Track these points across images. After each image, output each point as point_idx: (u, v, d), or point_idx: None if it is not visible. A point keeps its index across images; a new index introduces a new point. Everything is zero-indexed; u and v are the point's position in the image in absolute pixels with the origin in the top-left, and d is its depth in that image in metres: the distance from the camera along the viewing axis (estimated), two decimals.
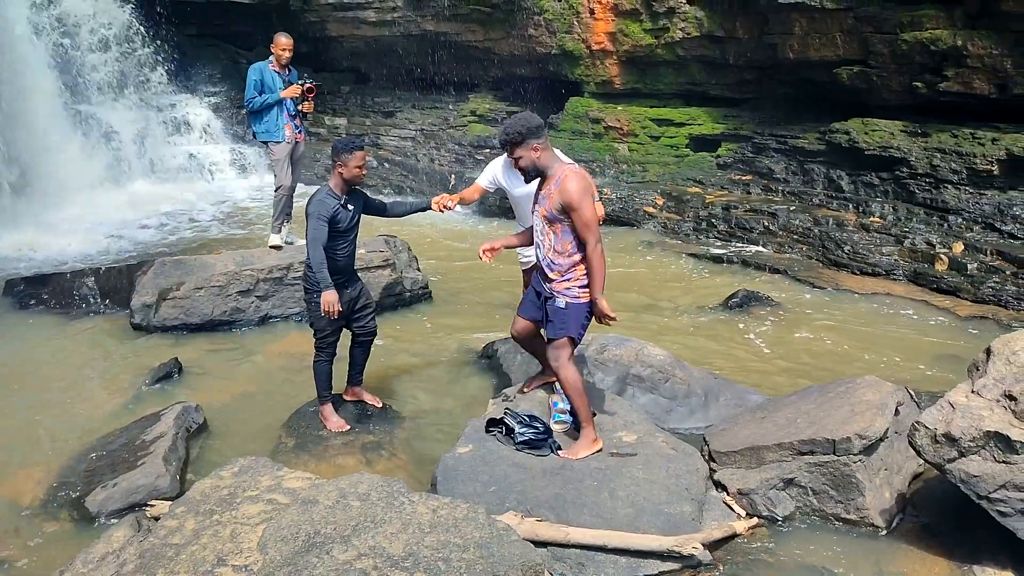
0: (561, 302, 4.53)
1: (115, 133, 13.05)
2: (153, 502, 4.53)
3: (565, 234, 4.47)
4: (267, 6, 14.75)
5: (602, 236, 4.53)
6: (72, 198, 11.38)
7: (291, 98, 7.78)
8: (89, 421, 5.75)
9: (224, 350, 7.01)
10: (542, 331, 4.84)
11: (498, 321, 7.69)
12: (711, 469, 4.78)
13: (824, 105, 10.63)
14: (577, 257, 4.49)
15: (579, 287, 4.52)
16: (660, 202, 11.12)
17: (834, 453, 4.41)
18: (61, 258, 9.52)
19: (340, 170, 5.16)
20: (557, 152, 4.83)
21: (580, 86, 12.90)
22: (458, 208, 6.36)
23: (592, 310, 4.54)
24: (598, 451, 4.63)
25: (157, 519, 3.95)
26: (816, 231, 9.52)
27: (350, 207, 5.28)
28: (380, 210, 5.68)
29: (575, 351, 4.68)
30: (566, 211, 4.40)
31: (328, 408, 5.50)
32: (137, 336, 7.25)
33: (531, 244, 4.87)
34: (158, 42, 13.82)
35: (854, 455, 4.36)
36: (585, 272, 4.50)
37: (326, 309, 5.09)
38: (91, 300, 7.88)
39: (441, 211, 5.65)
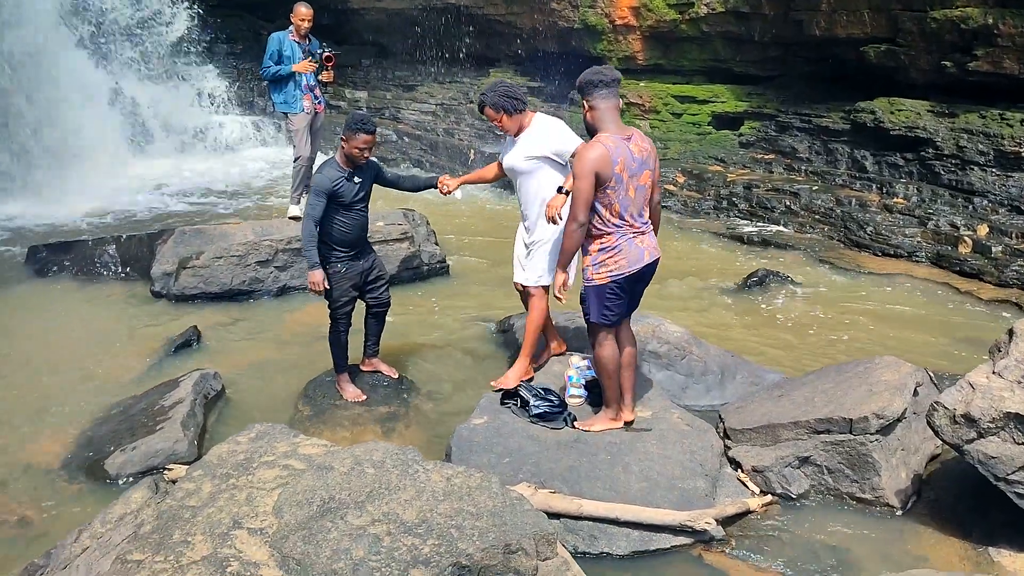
0: (585, 287, 4.46)
1: (136, 103, 13.09)
2: (171, 466, 4.59)
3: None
4: None
5: (584, 221, 4.29)
6: (94, 167, 11.44)
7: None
8: (109, 386, 5.82)
9: (242, 319, 7.05)
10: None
11: (515, 296, 7.67)
12: (726, 446, 4.77)
13: (849, 83, 10.46)
14: (594, 235, 4.36)
15: (592, 268, 4.39)
16: (681, 180, 11.03)
17: (851, 432, 4.38)
18: (83, 226, 9.59)
19: (343, 144, 5.13)
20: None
21: (602, 61, 12.75)
22: (474, 185, 6.31)
23: (619, 289, 4.41)
24: (618, 427, 4.64)
25: (174, 482, 4.00)
26: (838, 211, 9.42)
27: (356, 179, 5.22)
28: (392, 182, 5.65)
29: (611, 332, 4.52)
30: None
31: (344, 378, 5.53)
32: (157, 304, 7.31)
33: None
34: (180, 12, 13.81)
35: (871, 435, 4.34)
36: (602, 249, 4.36)
37: (311, 287, 5.18)
38: (112, 268, 7.94)
39: (443, 193, 5.58)
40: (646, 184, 4.40)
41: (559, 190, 4.79)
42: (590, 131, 4.42)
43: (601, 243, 4.34)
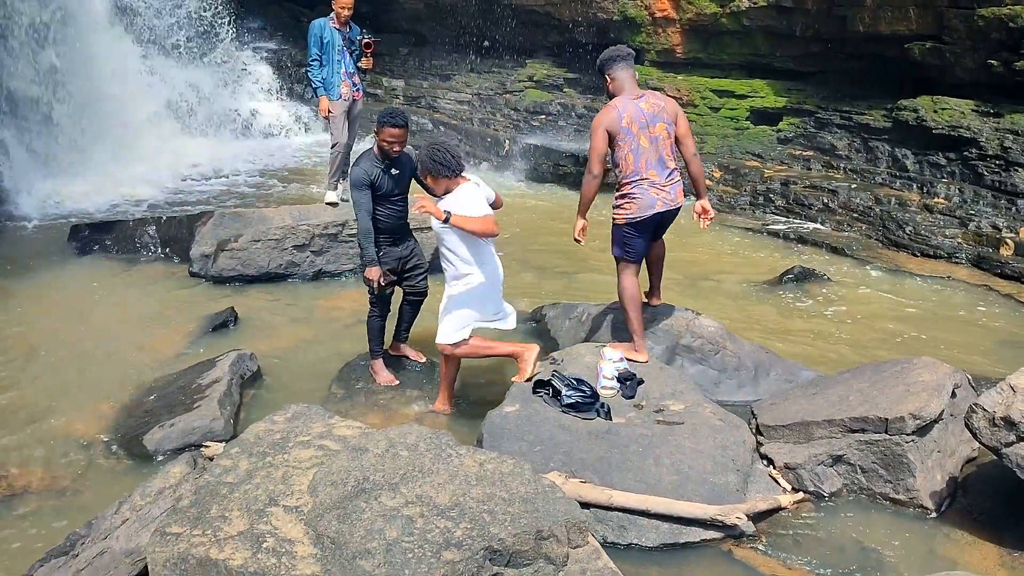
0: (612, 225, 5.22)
1: (178, 88, 13.25)
2: (208, 443, 4.67)
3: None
4: None
5: (598, 172, 5.05)
6: (135, 149, 11.60)
7: (349, 55, 7.84)
8: (147, 364, 5.92)
9: (278, 302, 7.14)
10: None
11: (548, 285, 7.70)
12: (758, 442, 4.75)
13: (892, 81, 10.31)
14: (619, 183, 5.10)
15: (614, 210, 5.15)
16: (717, 175, 10.96)
17: (886, 432, 4.34)
18: (124, 206, 9.75)
19: (376, 136, 5.19)
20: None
21: (640, 54, 12.69)
22: (508, 175, 6.46)
23: (633, 231, 5.12)
24: (641, 361, 5.15)
25: (211, 459, 4.06)
26: (877, 210, 9.30)
27: (393, 171, 5.27)
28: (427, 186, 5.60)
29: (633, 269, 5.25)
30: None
31: (379, 363, 5.59)
32: (195, 285, 7.43)
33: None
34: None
35: (907, 435, 4.29)
36: (622, 195, 5.10)
37: (367, 283, 5.23)
38: (152, 248, 8.07)
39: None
40: (660, 135, 5.07)
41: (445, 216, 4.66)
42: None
43: (621, 191, 5.12)
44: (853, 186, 9.82)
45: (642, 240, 5.19)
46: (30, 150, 10.33)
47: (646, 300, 5.66)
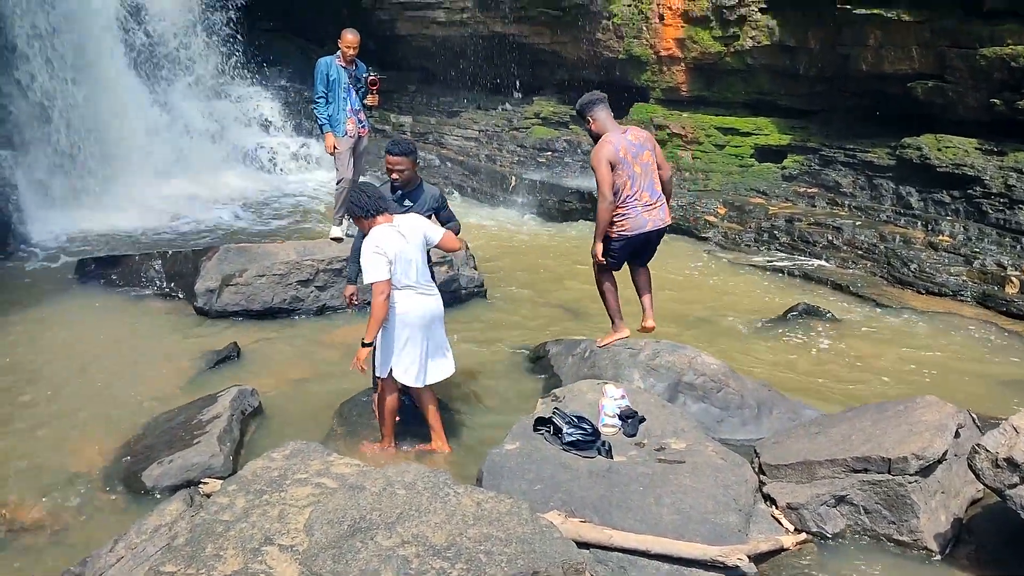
0: None
1: (186, 121, 13.39)
2: (206, 480, 4.64)
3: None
4: (339, 3, 15.00)
5: (611, 197, 5.62)
6: (143, 183, 11.68)
7: (355, 92, 7.94)
8: (150, 398, 5.92)
9: (282, 337, 7.15)
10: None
11: (551, 321, 7.70)
12: (761, 482, 4.70)
13: (895, 119, 10.37)
14: (617, 204, 5.67)
15: (609, 225, 5.73)
16: (722, 211, 10.99)
17: (889, 472, 4.30)
18: (130, 240, 9.80)
19: None
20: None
21: (646, 92, 12.82)
22: (514, 210, 6.84)
23: (621, 244, 5.78)
24: (623, 336, 6.00)
25: (209, 496, 4.04)
26: (882, 247, 9.30)
27: (406, 203, 5.37)
28: (442, 221, 5.61)
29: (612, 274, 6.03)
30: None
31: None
32: (199, 319, 7.44)
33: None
34: (232, 34, 14.14)
35: (910, 475, 4.25)
36: (617, 214, 5.68)
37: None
38: (157, 283, 8.10)
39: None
40: (649, 162, 5.75)
41: (363, 344, 4.84)
42: (596, 139, 5.73)
43: (619, 210, 5.69)
44: (858, 223, 9.83)
45: (625, 253, 5.91)
46: (38, 183, 10.42)
47: (642, 324, 6.16)
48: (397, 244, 4.83)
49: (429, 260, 5.32)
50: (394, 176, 5.30)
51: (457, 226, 5.74)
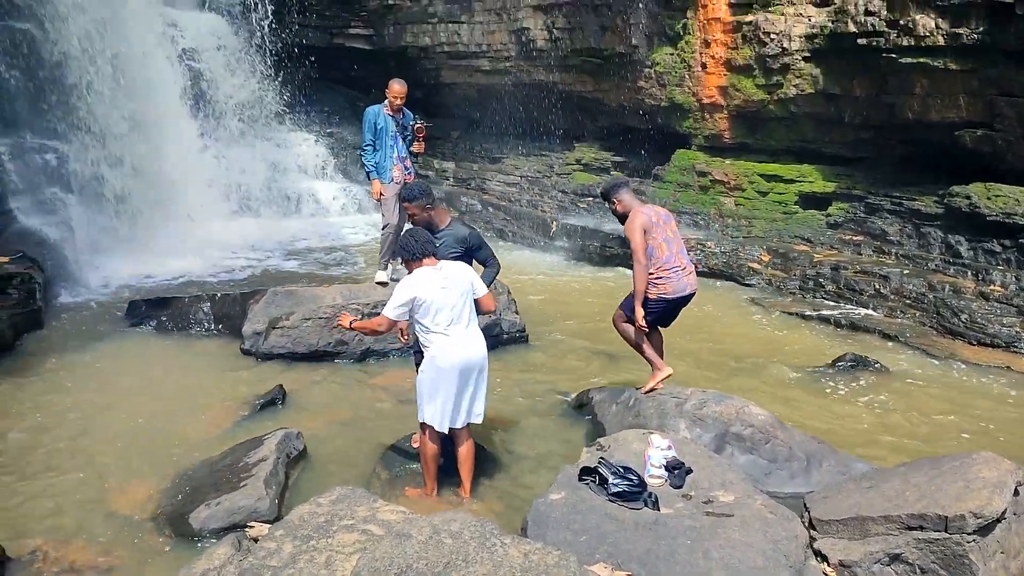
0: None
1: (236, 166, 13.74)
2: (252, 523, 4.66)
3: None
4: (386, 53, 15.37)
5: (645, 262, 5.88)
6: (194, 226, 11.99)
7: (401, 140, 8.09)
8: (196, 441, 5.99)
9: (326, 380, 7.21)
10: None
11: (593, 367, 7.67)
12: (811, 537, 4.59)
13: (943, 166, 10.26)
14: (657, 267, 5.94)
15: (648, 286, 5.94)
16: (766, 258, 10.91)
17: (946, 531, 4.17)
18: (180, 283, 10.01)
19: None
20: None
21: (688, 138, 12.87)
22: (555, 255, 7.05)
23: (659, 305, 6.00)
24: (667, 375, 6.09)
25: (256, 540, 4.06)
26: (931, 297, 9.14)
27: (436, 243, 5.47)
28: (480, 261, 5.76)
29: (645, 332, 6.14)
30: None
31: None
32: (246, 360, 7.55)
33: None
34: (282, 83, 14.55)
35: (968, 535, 4.12)
36: (658, 276, 5.93)
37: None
38: (205, 324, 8.25)
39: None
40: (676, 230, 6.16)
41: (350, 323, 5.26)
42: (621, 219, 6.13)
43: (658, 273, 5.95)
44: (905, 272, 9.69)
45: (660, 314, 6.14)
46: (93, 225, 10.72)
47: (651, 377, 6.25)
48: (429, 289, 4.92)
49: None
50: (415, 219, 5.55)
51: (496, 267, 5.86)
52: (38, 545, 4.65)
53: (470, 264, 5.48)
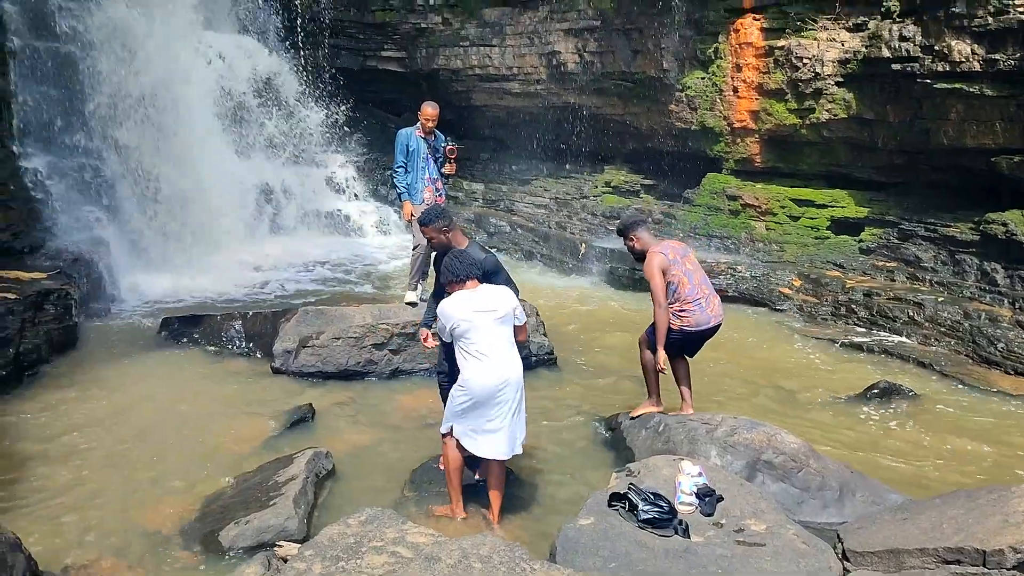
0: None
1: (268, 186, 13.90)
2: (281, 542, 4.67)
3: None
4: (418, 75, 15.52)
5: (665, 303, 5.97)
6: (228, 244, 12.14)
7: (433, 161, 8.15)
8: (226, 458, 6.03)
9: (355, 400, 7.23)
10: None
11: (623, 392, 7.62)
12: (845, 568, 4.52)
13: (979, 193, 10.13)
14: (679, 299, 6.00)
15: (672, 317, 6.01)
16: (797, 283, 10.82)
17: (984, 565, 4.09)
18: (212, 300, 10.12)
19: None
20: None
21: (718, 162, 12.83)
22: (584, 278, 7.12)
23: (682, 336, 6.04)
24: (656, 410, 6.23)
25: (285, 560, 4.07)
26: (966, 325, 9.00)
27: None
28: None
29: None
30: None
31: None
32: (276, 378, 7.59)
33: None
34: (315, 105, 14.74)
35: (1007, 569, 4.03)
36: (682, 309, 5.98)
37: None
38: (237, 342, 8.32)
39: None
40: (696, 262, 6.20)
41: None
42: (638, 256, 6.19)
43: (682, 306, 5.99)
44: (940, 299, 9.55)
45: (679, 343, 6.13)
46: (128, 243, 10.88)
47: (680, 409, 6.33)
48: (465, 312, 4.93)
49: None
50: (433, 243, 5.64)
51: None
52: (70, 561, 4.68)
53: None
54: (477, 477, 5.48)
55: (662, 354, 5.99)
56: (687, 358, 6.37)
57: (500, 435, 5.00)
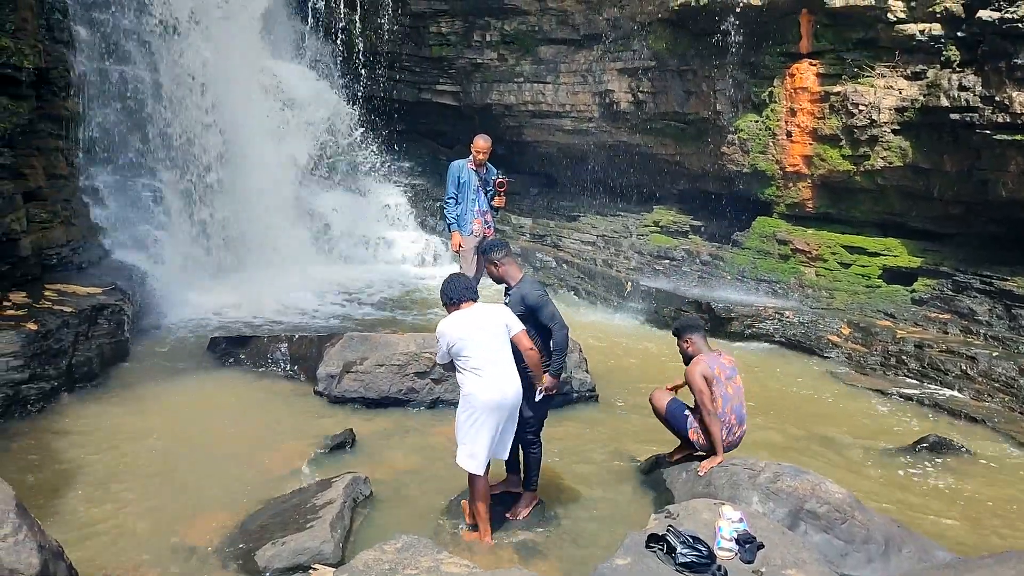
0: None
1: (322, 212, 14.15)
2: (316, 566, 4.69)
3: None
4: (471, 109, 15.74)
5: (713, 409, 5.74)
6: (278, 268, 12.34)
7: (483, 194, 8.23)
8: (267, 477, 6.08)
9: (395, 427, 7.26)
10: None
11: (663, 432, 7.48)
12: None
13: None
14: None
15: (691, 429, 5.97)
16: (846, 331, 10.63)
17: None
18: (259, 322, 10.27)
19: None
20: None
21: (769, 206, 12.73)
22: (628, 316, 7.01)
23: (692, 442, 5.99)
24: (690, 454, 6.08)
25: None
26: (1022, 382, 8.74)
27: (504, 300, 5.66)
28: (542, 325, 5.54)
29: None
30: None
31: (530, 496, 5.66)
32: (318, 402, 7.67)
33: None
34: (371, 134, 15.02)
35: None
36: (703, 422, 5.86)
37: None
38: (282, 364, 8.43)
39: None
40: (740, 387, 5.93)
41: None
42: (688, 359, 6.00)
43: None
44: (995, 354, 9.31)
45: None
46: (181, 263, 11.14)
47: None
48: (460, 329, 5.17)
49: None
50: (490, 275, 5.82)
51: (561, 330, 5.48)
52: (108, 571, 4.75)
53: (537, 324, 5.48)
54: (508, 516, 5.50)
55: (719, 459, 5.78)
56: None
57: (505, 440, 5.35)
